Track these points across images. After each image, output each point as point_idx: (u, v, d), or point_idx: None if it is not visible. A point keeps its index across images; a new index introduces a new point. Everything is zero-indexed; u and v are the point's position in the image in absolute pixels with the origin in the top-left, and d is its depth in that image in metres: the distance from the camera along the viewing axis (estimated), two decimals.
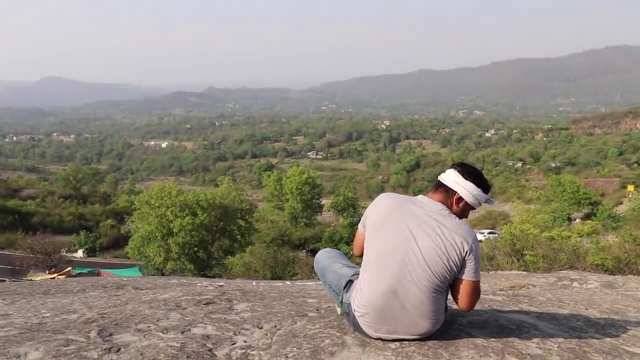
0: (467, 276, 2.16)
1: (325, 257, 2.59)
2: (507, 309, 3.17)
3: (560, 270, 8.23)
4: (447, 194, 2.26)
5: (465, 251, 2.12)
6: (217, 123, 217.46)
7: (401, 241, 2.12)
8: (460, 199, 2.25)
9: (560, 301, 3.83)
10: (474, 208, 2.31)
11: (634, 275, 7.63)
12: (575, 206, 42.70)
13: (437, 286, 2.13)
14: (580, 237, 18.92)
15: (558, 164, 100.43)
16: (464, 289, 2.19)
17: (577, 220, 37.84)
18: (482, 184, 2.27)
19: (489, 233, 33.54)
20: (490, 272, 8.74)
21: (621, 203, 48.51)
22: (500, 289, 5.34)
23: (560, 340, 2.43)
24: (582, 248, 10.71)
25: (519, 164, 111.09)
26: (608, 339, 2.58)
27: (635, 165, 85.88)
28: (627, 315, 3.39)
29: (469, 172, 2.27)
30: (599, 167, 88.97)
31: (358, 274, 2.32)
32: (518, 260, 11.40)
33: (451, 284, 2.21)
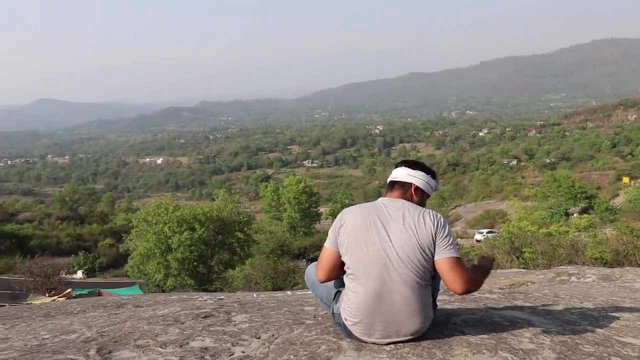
0: (443, 254, 2.17)
1: (314, 271, 2.63)
2: (502, 305, 3.21)
3: (559, 265, 8.26)
4: (404, 189, 2.38)
5: (434, 231, 2.17)
6: (211, 137, 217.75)
7: (377, 246, 2.18)
8: (417, 188, 2.37)
9: (556, 296, 3.87)
10: (429, 195, 2.44)
11: (632, 267, 7.66)
12: (572, 201, 42.78)
13: (420, 280, 2.17)
14: (578, 231, 18.99)
15: (553, 160, 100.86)
16: (446, 268, 2.16)
17: (575, 215, 37.91)
18: (430, 171, 2.44)
19: (488, 232, 33.57)
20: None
21: (617, 195, 48.60)
22: (499, 288, 5.37)
23: (553, 334, 2.46)
24: (580, 242, 10.73)
25: (514, 162, 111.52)
26: (601, 330, 2.61)
27: (629, 156, 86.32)
28: (622, 306, 3.41)
29: (415, 164, 2.44)
30: (594, 160, 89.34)
31: (344, 285, 2.35)
32: (517, 257, 11.44)
33: (433, 275, 2.25)
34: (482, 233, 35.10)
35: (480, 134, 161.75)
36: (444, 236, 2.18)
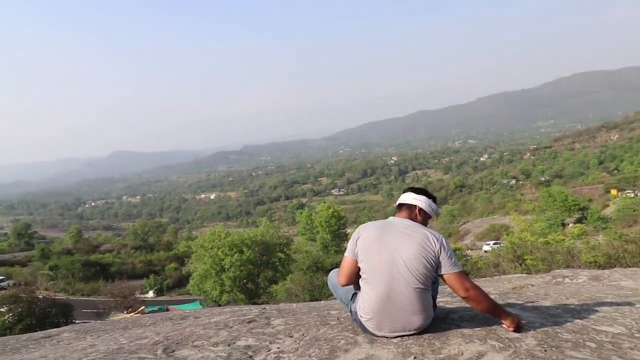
0: (448, 270, 2.25)
1: (335, 276, 2.70)
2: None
3: (557, 269, 8.01)
4: (410, 210, 2.46)
5: (437, 249, 2.25)
6: (254, 174, 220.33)
7: (387, 256, 2.25)
8: (420, 210, 2.45)
9: (546, 294, 3.80)
10: (430, 217, 2.50)
11: (621, 267, 7.37)
12: (567, 213, 41.27)
13: (422, 285, 2.23)
14: (574, 239, 18.30)
15: (547, 178, 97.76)
16: (452, 281, 2.26)
17: (570, 225, 36.54)
18: (431, 197, 2.52)
19: (494, 244, 32.58)
20: (494, 277, 8.54)
21: (607, 206, 46.70)
22: (504, 292, 5.28)
23: (537, 325, 2.45)
24: (575, 249, 10.39)
25: (513, 181, 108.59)
26: (580, 321, 2.58)
27: (615, 171, 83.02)
28: (604, 301, 3.34)
29: (420, 190, 2.52)
30: (584, 176, 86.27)
31: (360, 288, 2.42)
32: (520, 264, 11.10)
33: (432, 281, 2.30)
34: (489, 244, 34.09)
35: (482, 159, 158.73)
36: (447, 256, 2.26)
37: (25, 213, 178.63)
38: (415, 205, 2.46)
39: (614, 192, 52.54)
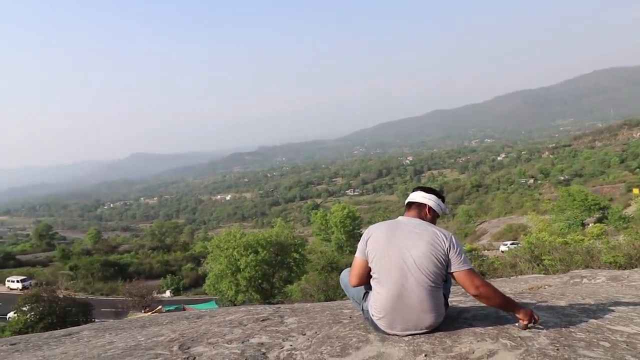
0: (458, 267, 2.25)
1: (347, 275, 2.71)
2: None
3: (575, 270, 7.87)
4: (419, 209, 2.47)
5: (447, 247, 2.25)
6: (269, 175, 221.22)
7: (397, 255, 2.26)
8: (430, 209, 2.46)
9: (562, 294, 3.75)
10: (439, 215, 2.50)
11: None
12: (587, 212, 40.44)
13: (432, 283, 2.24)
14: (594, 239, 17.89)
15: (566, 177, 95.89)
16: (462, 279, 2.25)
17: (591, 225, 35.79)
18: (440, 196, 2.52)
19: (512, 244, 32.12)
20: (511, 278, 8.43)
21: (629, 205, 45.57)
22: (519, 292, 5.22)
23: (550, 324, 2.43)
24: (595, 249, 10.18)
25: (531, 181, 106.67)
26: (595, 320, 2.55)
27: (638, 170, 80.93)
28: (621, 301, 3.28)
29: (429, 189, 2.53)
30: (604, 175, 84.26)
31: (371, 287, 2.43)
32: (537, 265, 10.94)
33: (444, 279, 2.30)
34: (506, 245, 33.63)
35: (499, 158, 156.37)
36: (457, 253, 2.25)
37: (47, 215, 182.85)
38: (425, 204, 2.47)
39: (636, 191, 51.30)
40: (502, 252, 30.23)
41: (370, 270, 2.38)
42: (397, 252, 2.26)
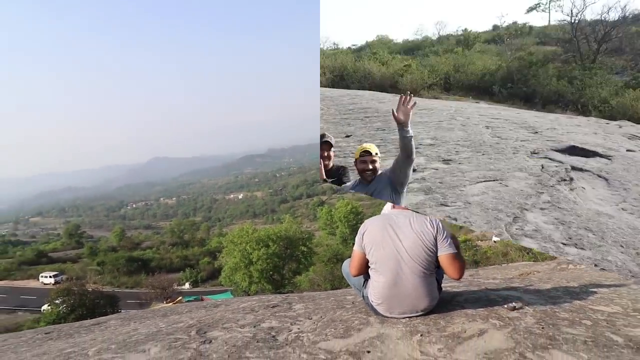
0: (444, 251, 2.26)
1: (347, 265, 2.73)
2: (500, 287, 3.17)
3: (562, 257, 7.84)
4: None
5: (435, 232, 2.27)
6: (277, 175, 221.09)
7: (391, 246, 2.29)
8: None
9: (549, 279, 3.76)
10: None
11: None
12: None
13: (425, 270, 2.26)
14: None
15: None
16: (447, 262, 2.26)
17: None
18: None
19: None
20: (502, 266, 8.42)
21: None
22: (509, 278, 5.22)
23: (536, 305, 2.45)
24: None
25: None
26: (578, 301, 2.56)
27: None
28: (603, 284, 3.28)
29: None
30: None
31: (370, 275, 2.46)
32: (527, 253, 10.89)
33: (436, 265, 2.32)
34: (498, 235, 33.38)
35: None
36: (443, 237, 2.27)
37: (75, 215, 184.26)
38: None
39: None
40: (495, 242, 30.06)
41: (368, 261, 2.40)
42: (391, 244, 2.29)
